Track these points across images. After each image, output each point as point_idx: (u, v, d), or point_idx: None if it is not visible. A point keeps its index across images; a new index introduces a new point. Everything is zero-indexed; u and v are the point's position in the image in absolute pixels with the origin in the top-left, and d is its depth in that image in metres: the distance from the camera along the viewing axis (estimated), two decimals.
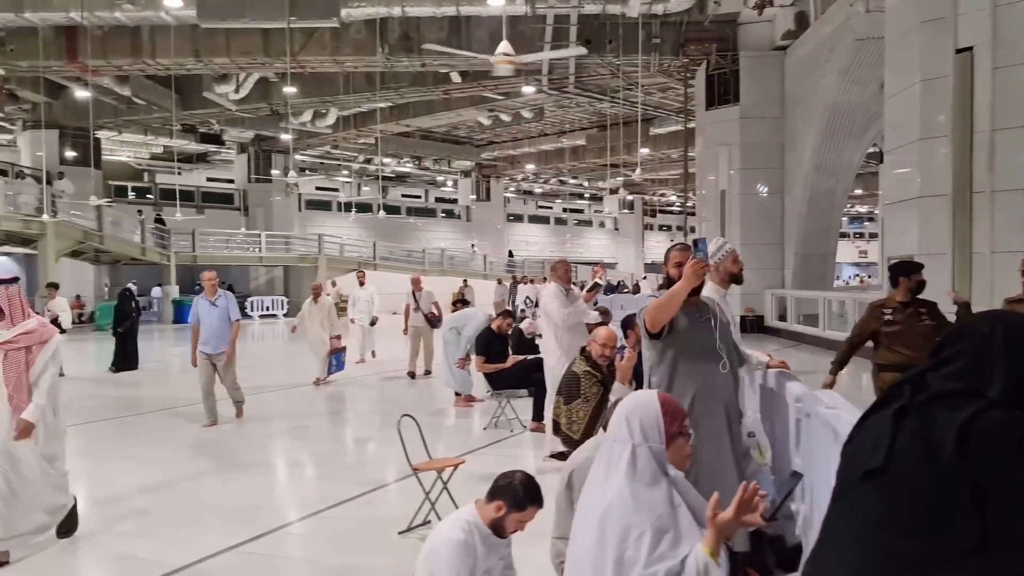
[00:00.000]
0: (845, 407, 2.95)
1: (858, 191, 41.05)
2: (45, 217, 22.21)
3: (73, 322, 25.25)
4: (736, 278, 4.79)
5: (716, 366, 3.69)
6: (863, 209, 56.90)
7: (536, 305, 19.94)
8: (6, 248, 26.07)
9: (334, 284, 23.97)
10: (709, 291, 4.58)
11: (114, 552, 4.97)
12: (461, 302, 14.79)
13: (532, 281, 25.12)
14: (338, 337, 12.41)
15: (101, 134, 29.77)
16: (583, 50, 15.68)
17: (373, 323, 15.19)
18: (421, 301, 12.84)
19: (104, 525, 5.50)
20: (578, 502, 2.23)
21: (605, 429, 3.79)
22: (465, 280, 28.89)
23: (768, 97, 20.05)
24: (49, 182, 24.35)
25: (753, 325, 19.54)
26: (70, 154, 28.68)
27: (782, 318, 19.46)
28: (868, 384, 5.55)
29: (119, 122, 28.53)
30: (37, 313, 4.98)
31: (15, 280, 4.75)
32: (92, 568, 4.84)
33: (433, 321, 12.87)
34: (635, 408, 2.20)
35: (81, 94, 24.86)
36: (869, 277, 52.63)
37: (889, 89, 12.26)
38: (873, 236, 58.10)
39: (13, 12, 18.48)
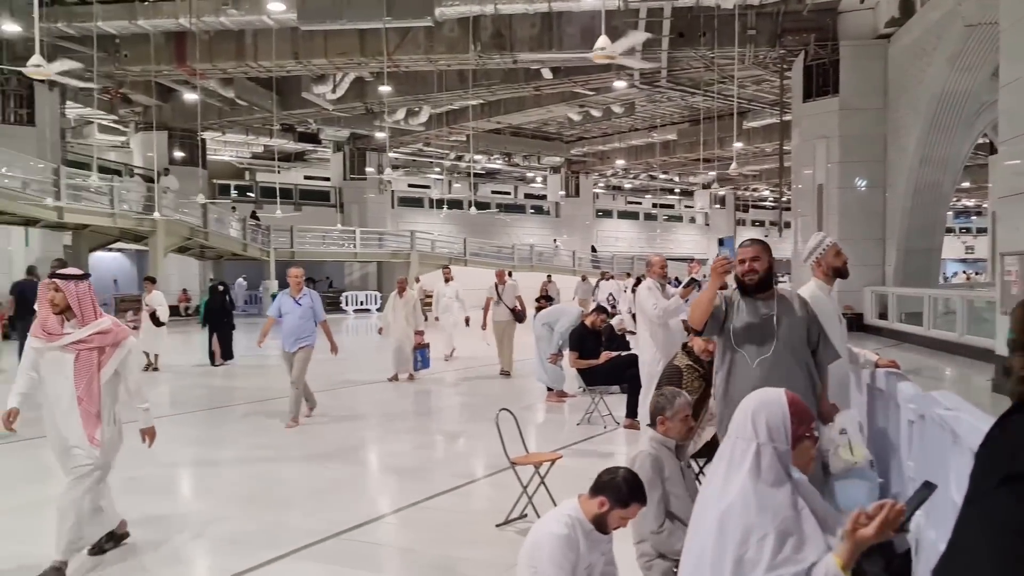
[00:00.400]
0: (966, 408, 2.83)
1: (965, 184, 39.14)
2: (156, 215, 23.31)
3: (180, 314, 26.53)
4: (840, 272, 4.58)
5: (770, 361, 3.68)
6: (970, 203, 54.25)
7: (617, 303, 19.76)
8: (119, 244, 27.50)
9: (417, 280, 24.26)
10: (812, 287, 4.45)
11: (220, 536, 5.19)
12: (545, 298, 14.66)
13: (613, 277, 24.58)
14: (420, 333, 12.36)
15: (206, 135, 31.05)
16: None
17: (467, 323, 15.09)
18: (504, 294, 12.44)
19: (212, 510, 5.76)
20: (696, 498, 2.21)
21: (651, 422, 3.78)
22: (549, 275, 28.80)
23: (869, 87, 19.34)
24: (150, 179, 25.58)
25: (851, 323, 18.91)
26: (178, 154, 30.07)
27: (883, 316, 18.78)
28: (983, 384, 5.22)
29: (223, 123, 29.72)
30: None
31: (85, 277, 4.54)
32: (203, 551, 5.05)
33: (518, 315, 12.46)
34: (761, 406, 2.15)
35: (189, 96, 26.06)
36: (977, 274, 50.16)
37: (1004, 76, 11.64)
38: (981, 231, 55.37)
39: (127, 19, 19.55)
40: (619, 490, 3.04)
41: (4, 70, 20.71)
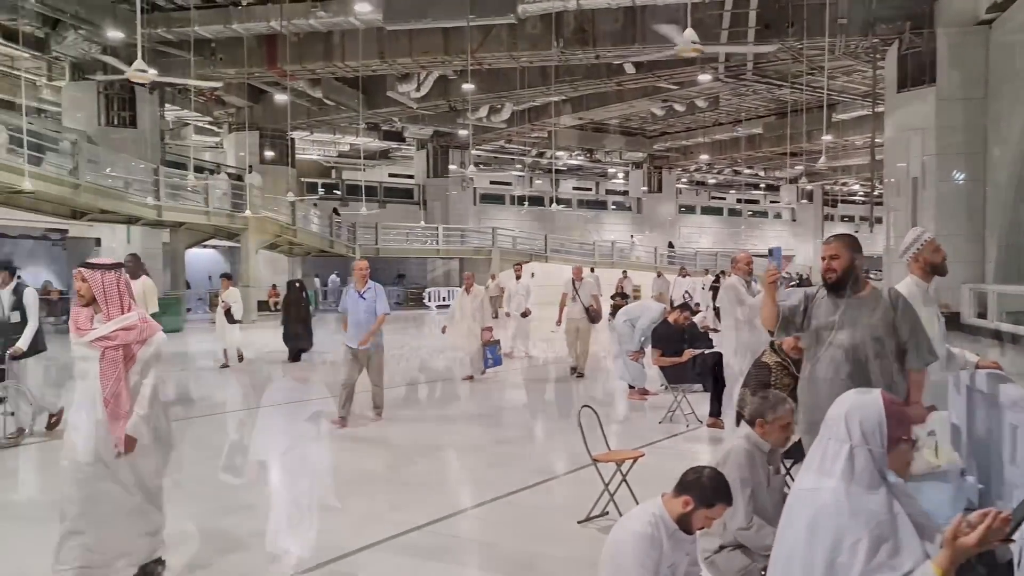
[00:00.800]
0: None
1: None
2: (247, 212, 24.11)
3: (270, 309, 27.31)
4: (938, 268, 4.43)
5: (825, 360, 3.69)
6: None
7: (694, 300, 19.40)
8: (213, 241, 28.54)
9: (493, 277, 24.35)
10: (908, 284, 4.31)
11: (306, 526, 5.33)
12: (620, 295, 14.40)
13: (689, 275, 23.98)
14: (489, 329, 12.05)
15: (295, 134, 31.92)
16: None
17: (525, 315, 14.51)
18: (581, 292, 11.80)
19: (297, 501, 5.94)
20: (788, 499, 2.16)
21: (748, 421, 3.71)
22: (625, 272, 28.48)
23: (969, 76, 18.48)
24: (240, 178, 26.40)
25: (947, 322, 18.10)
26: (268, 154, 31.01)
27: (981, 315, 17.96)
28: None
29: (311, 122, 30.52)
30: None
31: (115, 267, 4.14)
32: (289, 540, 5.15)
33: (592, 315, 11.83)
34: (856, 408, 2.08)
35: (279, 97, 26.85)
36: None
37: None
38: None
39: (222, 24, 20.30)
40: (704, 490, 3.01)
41: (107, 74, 21.73)
